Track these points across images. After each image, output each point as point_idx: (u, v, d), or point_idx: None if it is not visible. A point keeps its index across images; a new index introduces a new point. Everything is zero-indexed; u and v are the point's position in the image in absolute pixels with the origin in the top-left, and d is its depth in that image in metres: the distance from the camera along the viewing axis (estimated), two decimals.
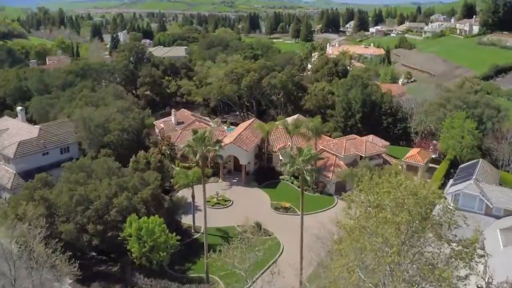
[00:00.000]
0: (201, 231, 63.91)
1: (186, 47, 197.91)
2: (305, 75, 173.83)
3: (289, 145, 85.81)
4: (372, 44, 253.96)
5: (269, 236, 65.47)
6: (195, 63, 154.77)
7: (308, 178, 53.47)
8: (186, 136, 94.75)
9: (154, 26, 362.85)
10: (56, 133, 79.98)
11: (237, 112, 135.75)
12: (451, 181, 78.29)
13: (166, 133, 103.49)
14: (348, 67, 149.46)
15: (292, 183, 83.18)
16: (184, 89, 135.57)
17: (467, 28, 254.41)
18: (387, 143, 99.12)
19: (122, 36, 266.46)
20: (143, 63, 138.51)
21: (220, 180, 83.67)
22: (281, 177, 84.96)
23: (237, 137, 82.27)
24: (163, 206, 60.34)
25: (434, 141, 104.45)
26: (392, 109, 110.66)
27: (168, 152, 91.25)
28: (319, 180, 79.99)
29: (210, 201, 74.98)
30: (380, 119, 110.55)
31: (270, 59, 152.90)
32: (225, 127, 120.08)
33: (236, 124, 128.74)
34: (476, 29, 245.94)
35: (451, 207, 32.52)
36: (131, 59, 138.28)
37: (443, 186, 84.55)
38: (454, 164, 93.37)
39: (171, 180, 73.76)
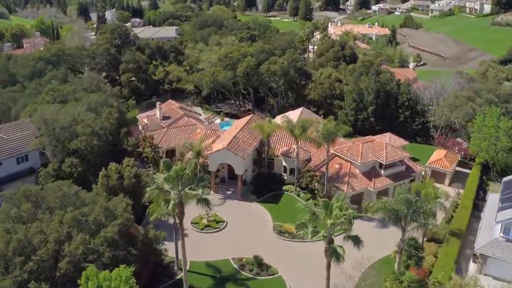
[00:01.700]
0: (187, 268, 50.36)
1: (177, 27, 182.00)
2: (306, 57, 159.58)
3: (293, 148, 71.95)
4: (376, 23, 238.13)
5: (272, 275, 52.00)
6: (186, 46, 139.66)
7: (340, 252, 39.70)
8: (172, 135, 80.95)
9: (145, 3, 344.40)
10: (13, 138, 65.81)
11: (233, 101, 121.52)
12: (490, 196, 65.02)
13: (150, 130, 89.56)
14: (354, 50, 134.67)
15: (298, 195, 69.51)
16: (173, 76, 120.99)
17: (477, 6, 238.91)
18: (406, 142, 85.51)
19: (109, 15, 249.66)
20: (127, 47, 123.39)
21: (211, 192, 69.89)
22: (284, 187, 71.29)
23: (231, 141, 68.22)
24: (137, 242, 46.60)
25: (459, 139, 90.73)
26: (410, 101, 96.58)
27: (151, 155, 77.44)
28: (330, 193, 66.37)
29: (198, 222, 61.40)
30: (396, 112, 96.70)
31: (269, 40, 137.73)
32: (218, 120, 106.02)
33: (232, 115, 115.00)
34: (487, 8, 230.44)
35: None
36: (114, 42, 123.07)
37: (477, 198, 71.46)
38: (485, 167, 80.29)
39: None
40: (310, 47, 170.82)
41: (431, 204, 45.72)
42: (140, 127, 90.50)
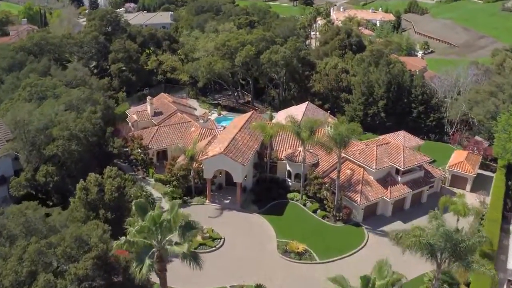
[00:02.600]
0: None
1: (172, 12, 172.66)
2: (308, 43, 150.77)
3: (299, 151, 64.18)
4: (380, 8, 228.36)
5: None
6: (181, 33, 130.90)
7: None
8: (163, 135, 73.06)
9: None
10: None
11: (230, 92, 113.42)
12: None
13: (140, 127, 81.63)
14: (361, 38, 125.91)
15: (305, 205, 61.97)
16: (167, 66, 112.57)
17: None
18: (421, 141, 77.65)
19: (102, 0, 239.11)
20: (118, 34, 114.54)
21: (207, 201, 62.22)
22: (289, 195, 63.65)
23: (229, 144, 60.26)
24: (118, 273, 38.89)
25: (478, 138, 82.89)
26: (424, 94, 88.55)
27: (140, 157, 69.67)
28: (341, 205, 58.85)
29: (192, 240, 53.66)
30: (409, 107, 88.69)
31: (269, 27, 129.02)
32: (215, 115, 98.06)
33: (230, 109, 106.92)
34: None
35: None
36: (104, 29, 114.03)
37: (505, 208, 63.97)
38: (509, 170, 72.78)
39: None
40: (312, 33, 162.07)
41: (474, 239, 37.77)
42: (130, 124, 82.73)
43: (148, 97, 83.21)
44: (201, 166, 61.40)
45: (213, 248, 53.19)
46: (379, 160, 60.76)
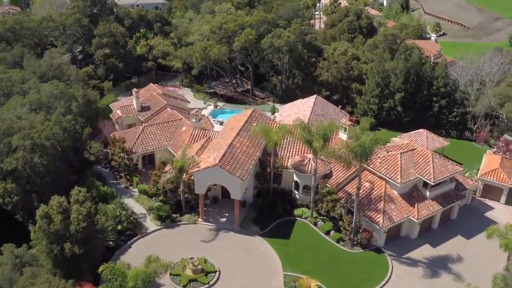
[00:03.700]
0: None
1: None
2: (312, 24, 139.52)
3: (308, 158, 54.35)
4: None
5: None
6: (175, 13, 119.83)
7: None
8: (150, 136, 63.24)
9: None
10: None
11: (228, 79, 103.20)
12: None
13: (125, 125, 71.73)
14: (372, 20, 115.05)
15: (315, 224, 52.36)
16: (158, 51, 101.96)
17: None
18: (446, 142, 67.82)
19: None
20: (104, 16, 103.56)
21: (199, 219, 52.54)
22: (296, 211, 54.00)
23: (225, 154, 50.17)
24: None
25: (508, 136, 72.97)
26: (447, 86, 78.38)
27: (123, 163, 59.78)
28: (360, 227, 49.30)
29: (180, 274, 44.21)
30: (430, 100, 78.67)
31: (270, 7, 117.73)
32: (211, 107, 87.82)
33: (227, 98, 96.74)
34: None
35: None
36: (88, 10, 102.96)
37: None
38: None
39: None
40: (316, 13, 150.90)
41: None
42: (113, 120, 72.77)
43: (134, 90, 72.90)
44: (192, 177, 51.55)
45: (206, 286, 43.54)
46: (404, 171, 50.91)
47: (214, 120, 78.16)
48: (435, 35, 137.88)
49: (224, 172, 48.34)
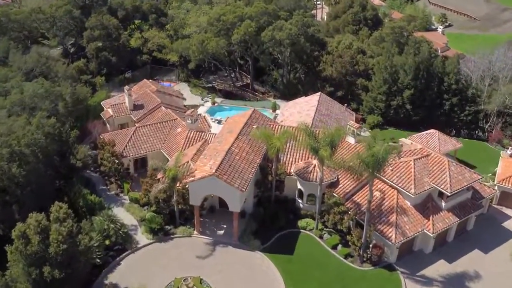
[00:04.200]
0: None
1: None
2: (314, 13, 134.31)
3: (313, 165, 50.09)
4: None
5: None
6: (171, 4, 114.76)
7: None
8: (142, 138, 59.00)
9: None
10: None
11: (226, 73, 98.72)
12: None
13: (117, 124, 67.47)
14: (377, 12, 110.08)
15: (321, 237, 48.20)
16: (153, 44, 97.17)
17: None
18: (459, 144, 63.57)
19: None
20: (96, 7, 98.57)
21: (195, 232, 48.31)
22: (300, 222, 49.81)
23: (223, 161, 45.78)
24: None
25: None
26: (459, 83, 73.90)
27: (114, 167, 55.41)
28: (370, 242, 45.13)
29: None
30: (440, 98, 74.28)
31: None
32: (208, 103, 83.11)
33: (226, 93, 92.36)
34: None
35: None
36: (79, 1, 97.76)
37: None
38: None
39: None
40: (318, 3, 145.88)
41: None
42: (104, 119, 68.39)
43: (126, 87, 68.44)
44: (187, 186, 47.20)
45: None
46: (418, 180, 46.64)
47: (211, 119, 73.66)
48: (441, 27, 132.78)
49: (222, 183, 44.02)
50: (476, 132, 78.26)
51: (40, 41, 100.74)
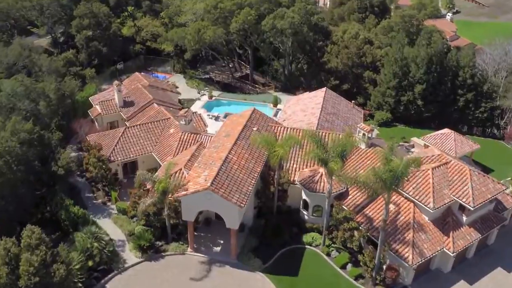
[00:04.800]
0: None
1: None
2: (316, 1, 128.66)
3: (320, 174, 45.20)
4: None
5: None
6: None
7: None
8: (131, 139, 53.98)
9: None
10: None
11: (225, 63, 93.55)
12: None
13: (105, 123, 62.46)
14: None
15: (328, 254, 43.46)
16: (147, 33, 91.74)
17: None
18: (476, 145, 58.54)
19: None
20: None
21: (188, 249, 43.51)
22: (305, 237, 45.01)
23: (219, 172, 40.79)
24: None
25: None
26: (475, 77, 68.74)
27: (100, 173, 50.42)
28: (384, 263, 40.38)
29: None
30: (454, 94, 69.16)
31: None
32: (205, 97, 77.79)
33: (224, 86, 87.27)
34: None
35: None
36: None
37: None
38: None
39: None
40: None
41: None
42: (92, 117, 63.32)
43: (115, 82, 63.29)
44: (179, 198, 42.27)
45: None
46: (437, 193, 41.76)
47: (208, 115, 68.75)
48: (450, 14, 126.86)
49: (218, 197, 39.10)
50: (491, 129, 73.34)
51: (29, 29, 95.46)
